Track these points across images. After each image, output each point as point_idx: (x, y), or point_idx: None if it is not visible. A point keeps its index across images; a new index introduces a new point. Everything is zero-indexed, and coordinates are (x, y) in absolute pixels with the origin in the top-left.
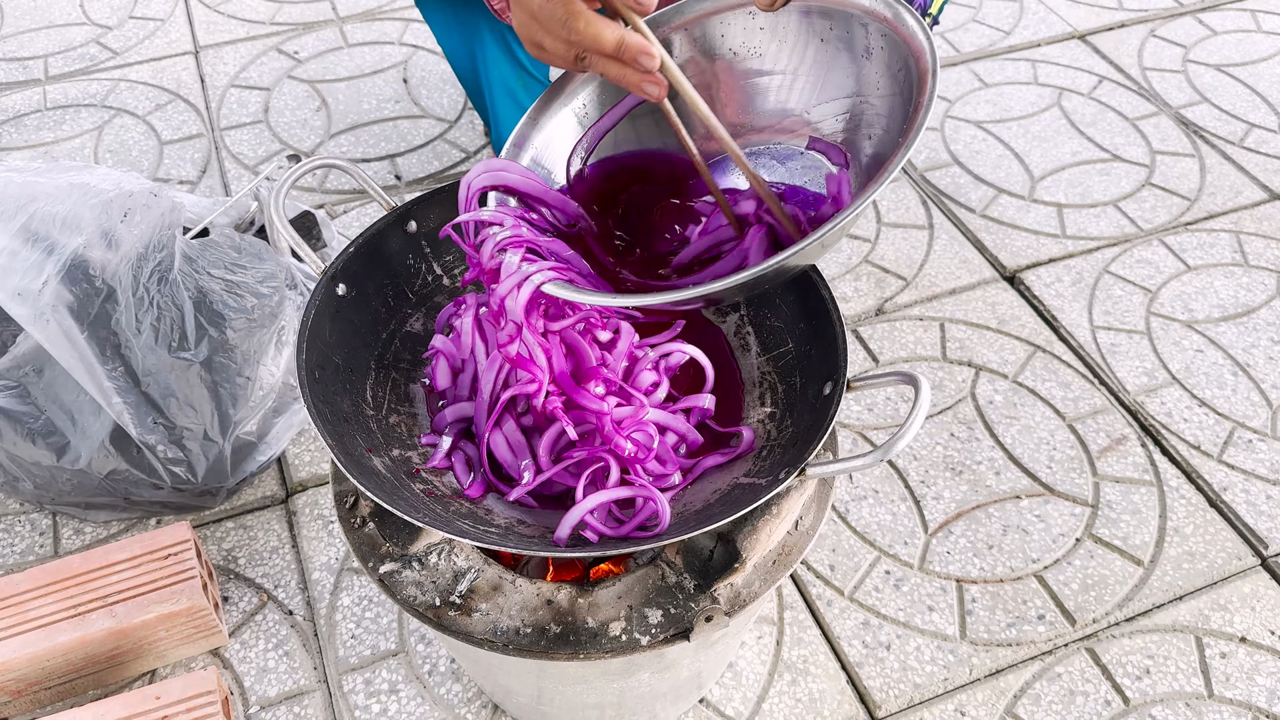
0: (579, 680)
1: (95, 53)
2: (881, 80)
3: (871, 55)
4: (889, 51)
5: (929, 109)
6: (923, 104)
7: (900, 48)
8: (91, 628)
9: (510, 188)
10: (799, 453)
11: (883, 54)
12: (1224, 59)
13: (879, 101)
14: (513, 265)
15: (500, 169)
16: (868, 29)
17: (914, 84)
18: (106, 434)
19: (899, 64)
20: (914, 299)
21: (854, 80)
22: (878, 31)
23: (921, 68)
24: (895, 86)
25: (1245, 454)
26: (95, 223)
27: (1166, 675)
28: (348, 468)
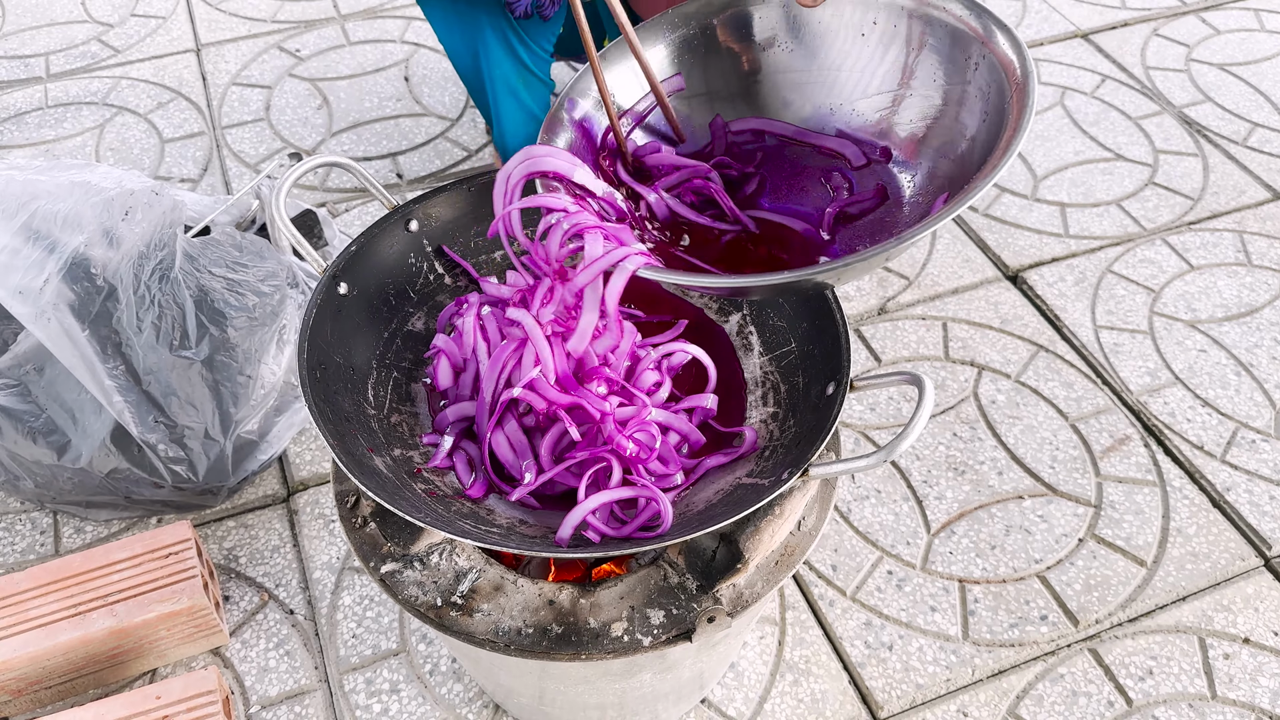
0: (581, 681)
1: (97, 50)
2: (969, 93)
3: (970, 67)
4: (984, 70)
5: (1026, 126)
6: (1019, 123)
7: (996, 70)
8: (92, 627)
9: (558, 175)
10: (802, 453)
11: (979, 71)
12: (1227, 58)
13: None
14: (596, 252)
15: (543, 155)
16: (967, 47)
17: (1005, 105)
18: (107, 433)
19: (994, 88)
20: (916, 298)
21: (935, 84)
22: (977, 50)
23: (1015, 87)
24: (981, 103)
25: (1248, 454)
26: (96, 221)
27: (1169, 676)
28: (349, 467)
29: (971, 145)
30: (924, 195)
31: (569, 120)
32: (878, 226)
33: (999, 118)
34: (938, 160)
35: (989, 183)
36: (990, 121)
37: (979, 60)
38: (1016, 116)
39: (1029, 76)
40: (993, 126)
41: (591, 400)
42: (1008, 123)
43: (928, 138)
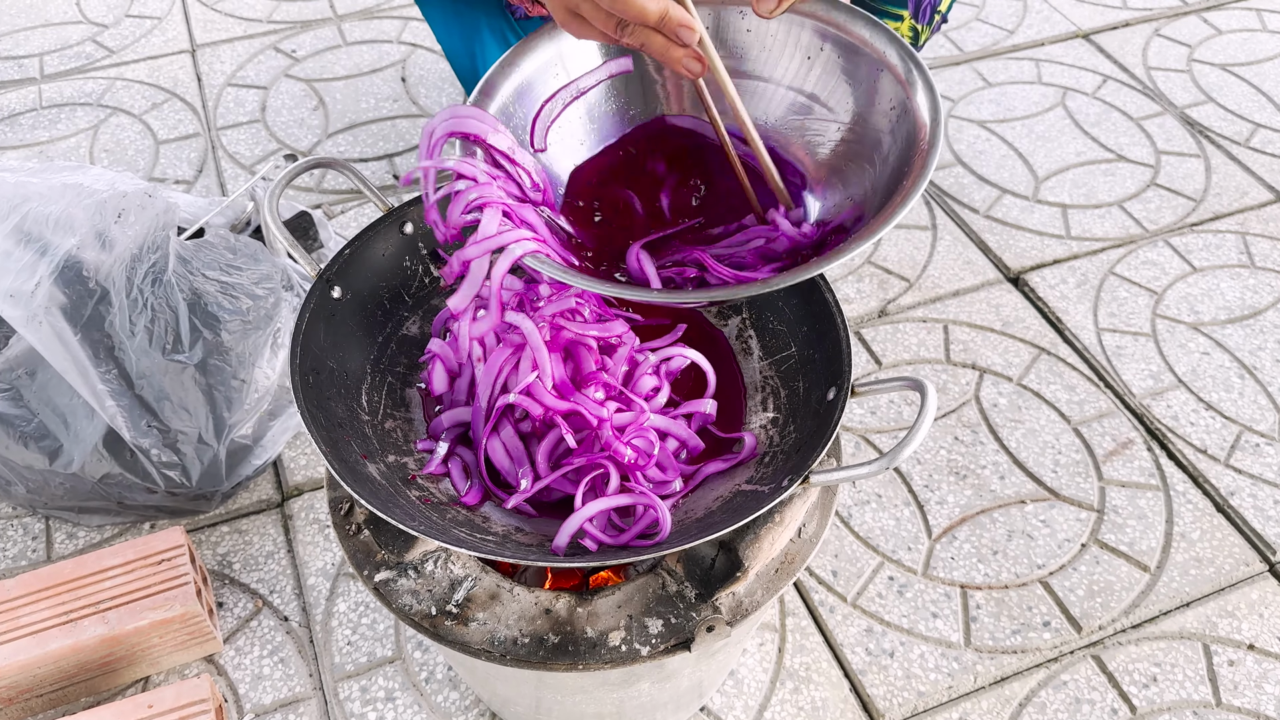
0: (578, 690)
1: (91, 51)
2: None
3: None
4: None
5: (923, 182)
6: (916, 175)
7: (909, 121)
8: (84, 634)
9: (478, 139)
10: (802, 459)
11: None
12: (1229, 58)
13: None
14: (490, 229)
15: (467, 116)
16: (877, 74)
17: (911, 149)
18: (100, 437)
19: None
20: (917, 300)
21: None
22: (888, 83)
23: (920, 143)
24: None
25: (1253, 458)
26: (89, 223)
27: (1174, 683)
28: (341, 474)
29: (873, 186)
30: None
31: (510, 84)
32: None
33: (902, 166)
34: (842, 191)
35: (876, 236)
36: (895, 166)
37: (895, 105)
38: (916, 173)
39: (934, 146)
40: (895, 172)
41: (589, 406)
42: (909, 174)
43: (835, 164)
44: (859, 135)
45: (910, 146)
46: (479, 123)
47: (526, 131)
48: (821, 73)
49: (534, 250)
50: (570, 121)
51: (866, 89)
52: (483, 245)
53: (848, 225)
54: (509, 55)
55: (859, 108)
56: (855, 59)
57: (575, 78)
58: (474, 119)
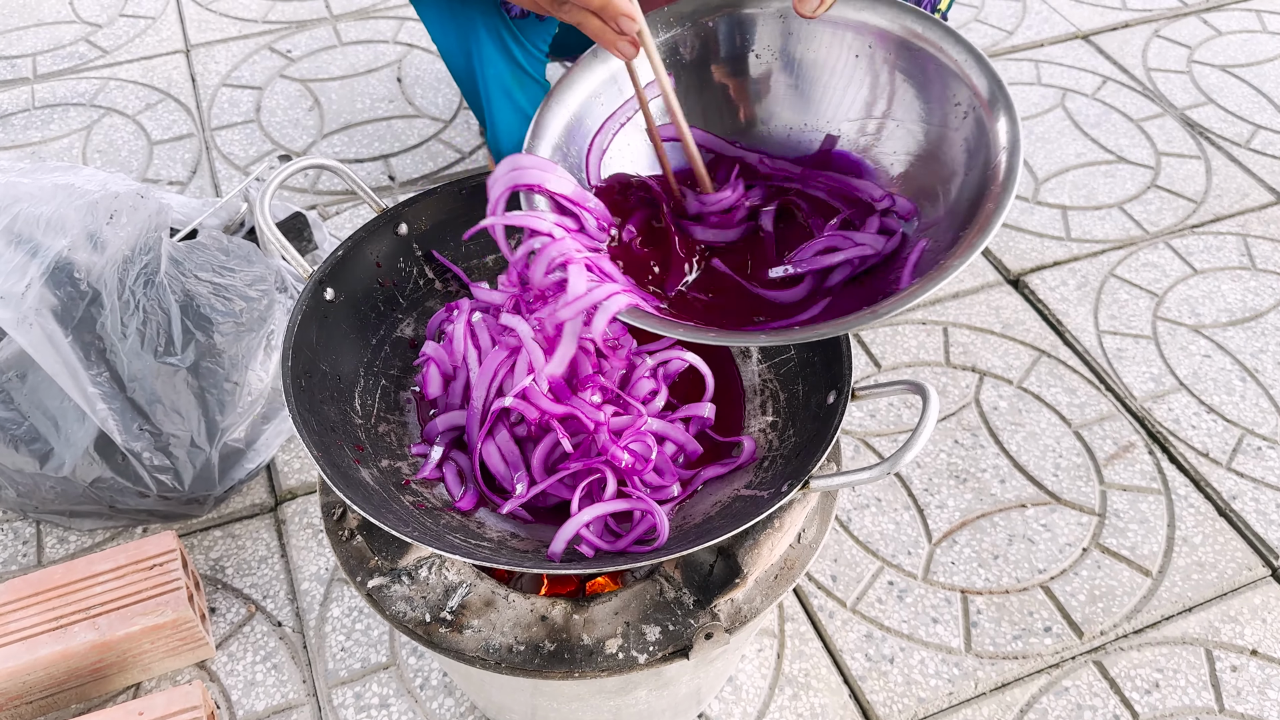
0: (574, 698)
1: (84, 51)
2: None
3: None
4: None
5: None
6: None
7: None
8: (74, 640)
9: (540, 189)
10: (802, 464)
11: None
12: (1229, 60)
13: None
14: (579, 288)
15: (527, 166)
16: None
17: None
18: (91, 441)
19: (979, 150)
20: (917, 302)
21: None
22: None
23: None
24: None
25: (1254, 461)
26: (81, 224)
27: (1176, 689)
28: (334, 480)
29: (949, 205)
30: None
31: (560, 122)
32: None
33: (980, 187)
34: (924, 205)
35: (963, 265)
36: (971, 184)
37: (968, 111)
38: (993, 207)
39: (1013, 171)
40: (973, 192)
41: (585, 410)
42: (986, 200)
43: (913, 176)
44: (932, 149)
45: (986, 166)
46: (539, 171)
47: (582, 169)
48: (890, 82)
49: (628, 305)
50: (620, 146)
51: (938, 98)
52: (576, 306)
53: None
54: (554, 91)
55: (930, 119)
56: (925, 66)
57: (620, 104)
58: (534, 168)
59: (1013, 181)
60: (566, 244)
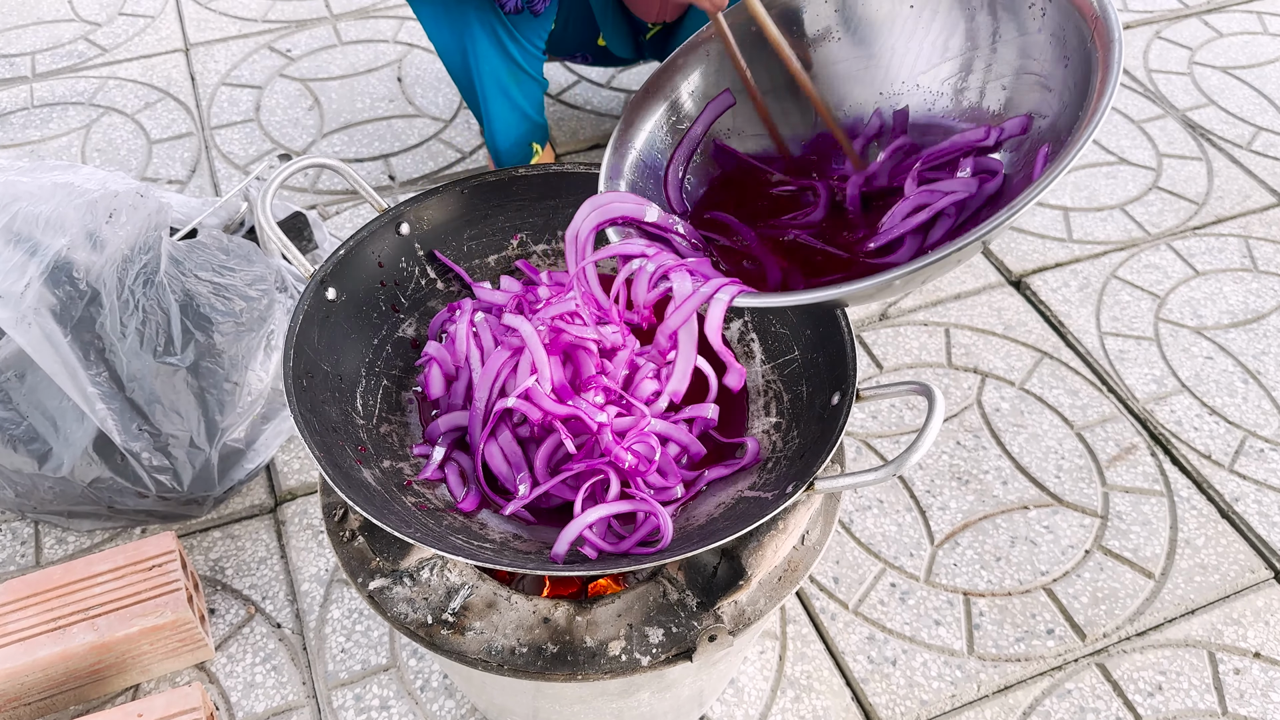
0: (576, 700)
1: (84, 50)
2: (1045, 49)
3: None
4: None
5: (1116, 79)
6: (1109, 77)
7: (1069, 12)
8: (72, 641)
9: (627, 219)
10: (806, 465)
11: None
12: (1230, 61)
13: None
14: (686, 289)
15: (609, 201)
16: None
17: (1089, 56)
18: (90, 441)
19: (1070, 31)
20: (919, 303)
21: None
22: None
23: (1101, 37)
24: (1060, 55)
25: (1257, 464)
26: (80, 223)
27: (1179, 692)
28: (335, 480)
29: (1060, 100)
30: (1022, 163)
31: (629, 162)
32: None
33: (1084, 65)
34: (1036, 116)
35: (1089, 136)
36: (1074, 67)
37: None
38: (1104, 61)
39: (1108, 12)
40: (1079, 73)
41: (588, 411)
42: (1095, 66)
43: (1011, 102)
44: (1019, 54)
45: (1080, 35)
46: (622, 204)
47: (663, 202)
48: (941, 11)
49: (739, 291)
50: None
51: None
52: (686, 307)
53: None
54: (618, 136)
55: (1008, 27)
56: None
57: (684, 132)
58: (616, 202)
59: (1115, 38)
60: (664, 257)
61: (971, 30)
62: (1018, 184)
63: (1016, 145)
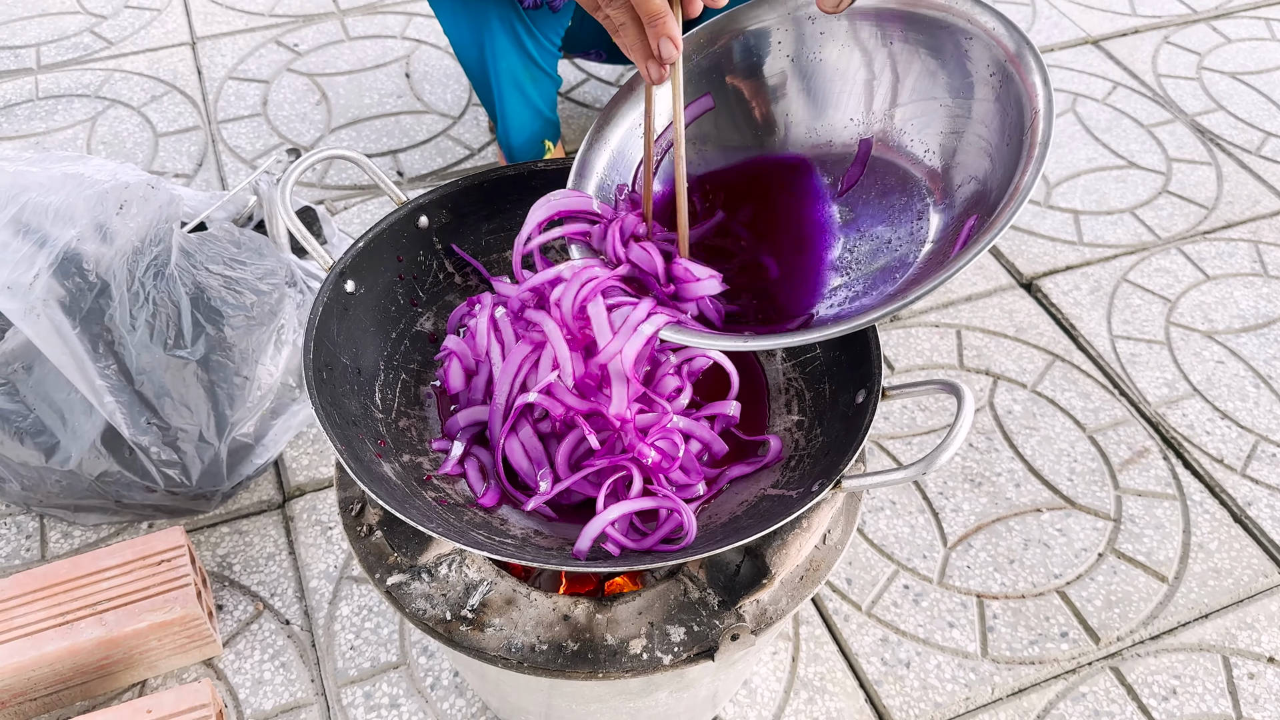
0: (594, 699)
1: (89, 42)
2: (986, 109)
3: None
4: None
5: (1043, 155)
6: (1035, 148)
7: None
8: (80, 637)
9: (574, 212)
10: (831, 464)
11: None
12: (1239, 66)
13: (981, 130)
14: (606, 336)
15: (556, 199)
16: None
17: (1022, 122)
18: (98, 434)
19: (1013, 110)
20: (930, 305)
21: (947, 103)
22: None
23: (1033, 108)
24: (999, 117)
25: (1269, 468)
26: (89, 215)
27: (1194, 696)
28: (357, 473)
29: (996, 174)
30: (950, 229)
31: (603, 159)
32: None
33: (1018, 147)
34: (962, 184)
35: (1018, 209)
36: (1012, 145)
37: (997, 71)
38: (1032, 150)
39: (1049, 104)
40: (1014, 153)
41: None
42: (1025, 151)
43: (951, 162)
44: (964, 118)
45: (1020, 115)
46: (569, 199)
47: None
48: (911, 66)
49: (667, 322)
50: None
51: (958, 66)
52: (609, 350)
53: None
54: (595, 130)
55: (957, 88)
56: (939, 36)
57: (661, 132)
58: (566, 198)
59: (1049, 133)
60: (597, 271)
61: (923, 81)
62: (933, 261)
63: (949, 206)
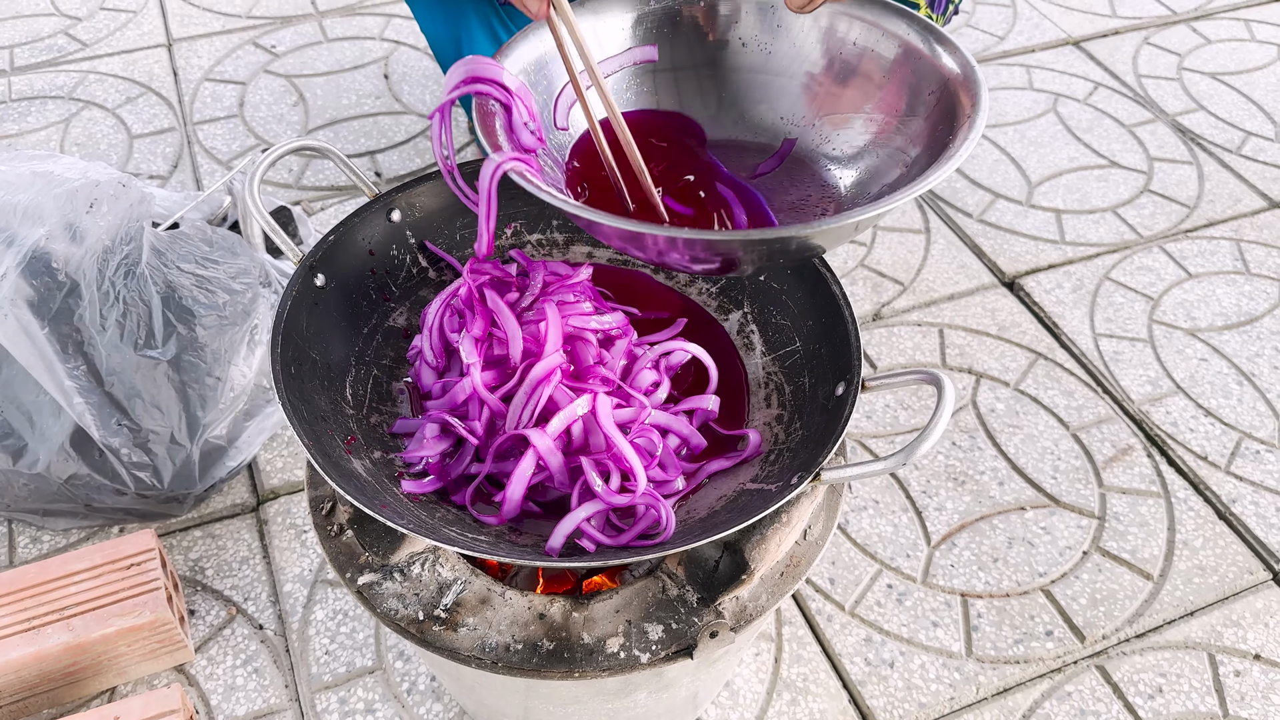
0: (571, 700)
1: (64, 44)
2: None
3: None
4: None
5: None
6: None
7: (932, 74)
8: (47, 642)
9: (490, 80)
10: (811, 456)
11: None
12: (1219, 67)
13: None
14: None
15: (487, 65)
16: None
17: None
18: (67, 436)
19: (930, 89)
20: (912, 304)
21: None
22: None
23: (964, 95)
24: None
25: (1253, 465)
26: (59, 213)
27: (1180, 694)
28: (325, 469)
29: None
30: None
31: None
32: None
33: (938, 152)
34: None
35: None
36: (933, 153)
37: (934, 89)
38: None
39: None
40: (932, 157)
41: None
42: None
43: (876, 170)
44: (894, 133)
45: (950, 101)
46: (489, 68)
47: (549, 109)
48: (846, 55)
49: (517, 168)
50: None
51: (902, 85)
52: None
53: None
54: (528, 29)
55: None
56: (884, 43)
57: (597, 61)
58: (483, 65)
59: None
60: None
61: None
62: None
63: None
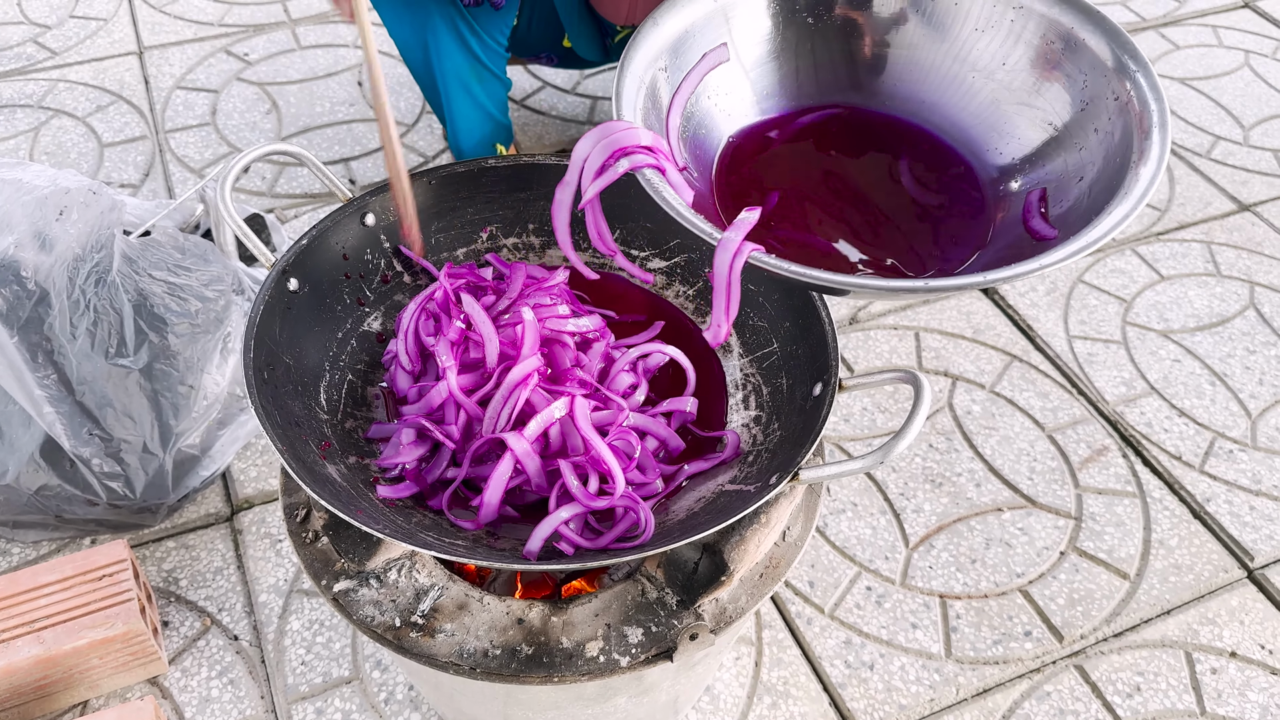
0: (551, 706)
1: (33, 52)
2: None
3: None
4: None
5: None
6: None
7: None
8: (16, 655)
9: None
10: (789, 456)
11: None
12: (1188, 73)
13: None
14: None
15: (616, 133)
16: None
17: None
18: (36, 446)
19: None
20: (888, 307)
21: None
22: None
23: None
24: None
25: (1226, 464)
26: (28, 221)
27: (1157, 692)
28: (299, 474)
29: (1088, 189)
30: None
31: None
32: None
33: (1121, 165)
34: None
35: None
36: (1112, 168)
37: (1113, 97)
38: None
39: (1163, 127)
40: (1114, 174)
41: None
42: (1128, 173)
43: (1044, 159)
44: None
45: (1127, 139)
46: (631, 134)
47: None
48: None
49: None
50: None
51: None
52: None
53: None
54: (622, 64)
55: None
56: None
57: (675, 87)
58: (624, 132)
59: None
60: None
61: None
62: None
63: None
